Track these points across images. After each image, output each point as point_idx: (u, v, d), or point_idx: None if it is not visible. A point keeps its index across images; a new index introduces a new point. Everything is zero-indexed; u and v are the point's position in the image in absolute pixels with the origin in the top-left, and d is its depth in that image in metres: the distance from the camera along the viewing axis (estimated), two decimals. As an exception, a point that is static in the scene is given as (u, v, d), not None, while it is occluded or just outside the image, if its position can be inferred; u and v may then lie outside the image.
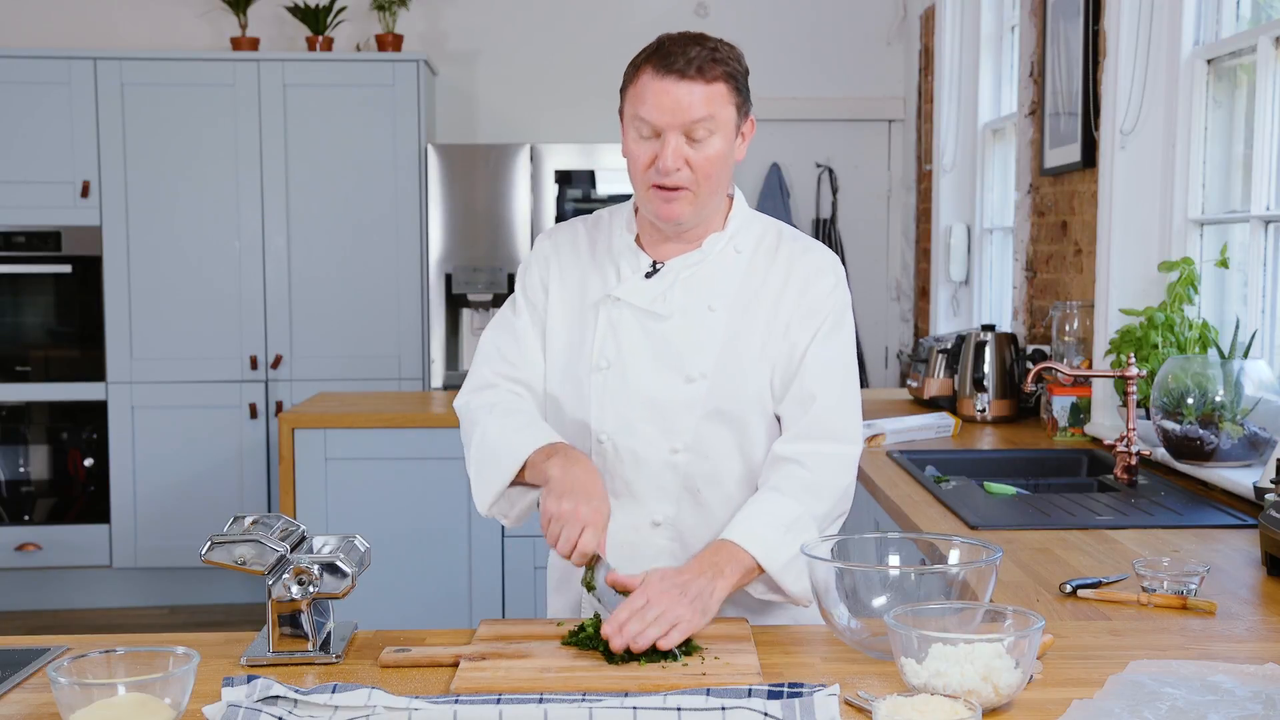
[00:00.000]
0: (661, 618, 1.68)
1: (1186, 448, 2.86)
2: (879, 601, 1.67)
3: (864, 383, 6.19)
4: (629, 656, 1.66)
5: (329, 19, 5.69)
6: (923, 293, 5.92)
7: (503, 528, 4.13)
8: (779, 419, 2.02)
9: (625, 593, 1.77)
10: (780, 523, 1.88)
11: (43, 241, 5.44)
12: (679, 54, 1.90)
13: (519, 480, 1.95)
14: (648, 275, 2.02)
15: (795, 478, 1.95)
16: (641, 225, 2.05)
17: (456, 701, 1.49)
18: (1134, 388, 2.93)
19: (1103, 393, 3.46)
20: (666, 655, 1.67)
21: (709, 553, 1.85)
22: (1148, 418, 3.05)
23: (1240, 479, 2.70)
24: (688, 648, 1.70)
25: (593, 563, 1.80)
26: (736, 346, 1.99)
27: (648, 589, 1.73)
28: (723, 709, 1.46)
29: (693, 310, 2.00)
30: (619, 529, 1.99)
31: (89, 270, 5.46)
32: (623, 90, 1.97)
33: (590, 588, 1.81)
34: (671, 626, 1.68)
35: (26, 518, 5.51)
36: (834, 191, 6.19)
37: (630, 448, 2.00)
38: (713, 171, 1.93)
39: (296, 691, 1.51)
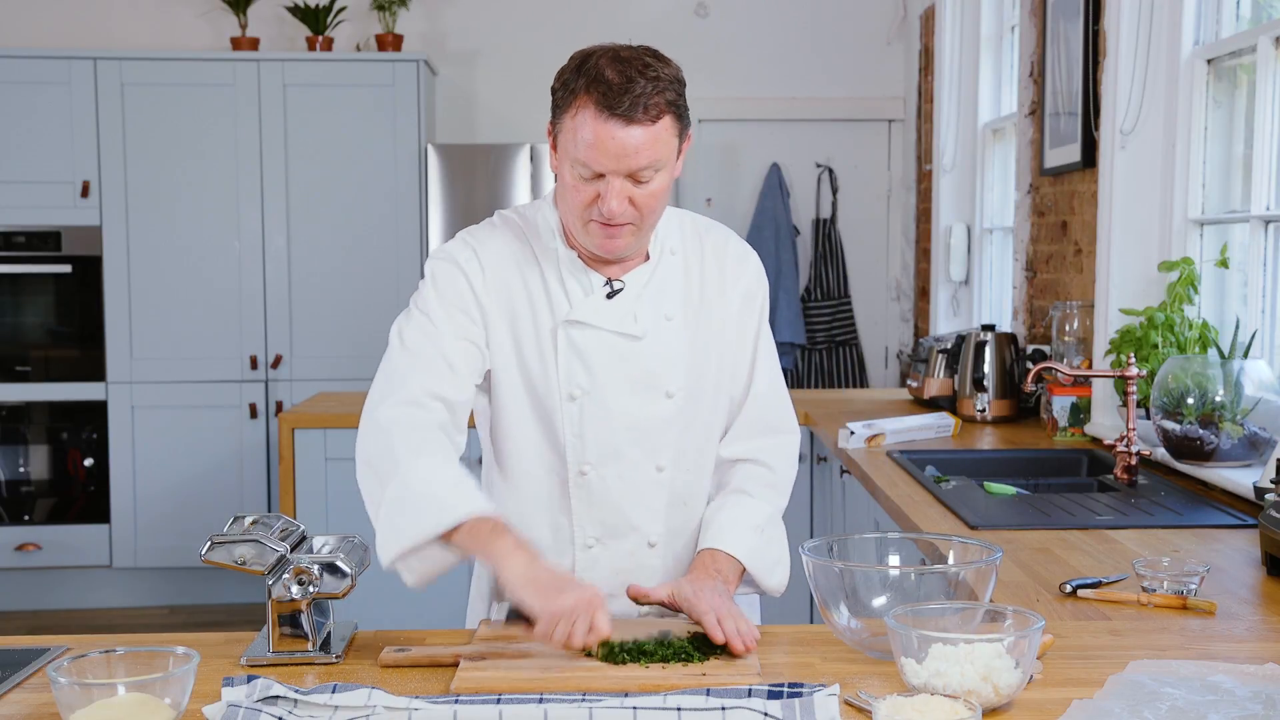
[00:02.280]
0: (731, 612, 1.73)
1: (1186, 448, 2.86)
2: (879, 601, 1.67)
3: (864, 383, 6.20)
4: (629, 658, 1.66)
5: (329, 19, 5.69)
6: (923, 293, 5.92)
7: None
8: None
9: (645, 602, 1.80)
10: (755, 525, 1.97)
11: (43, 241, 5.44)
12: (622, 91, 1.76)
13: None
14: (609, 295, 1.94)
15: (758, 478, 2.03)
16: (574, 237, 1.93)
17: (456, 701, 1.49)
18: (1134, 388, 2.93)
19: (1103, 393, 3.46)
20: (676, 658, 1.67)
21: (707, 559, 1.91)
22: (1148, 418, 3.05)
23: (1240, 479, 2.70)
24: (704, 653, 1.70)
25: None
26: (697, 351, 1.97)
27: (701, 597, 1.76)
28: (723, 709, 1.46)
29: (657, 325, 1.95)
30: (615, 556, 1.98)
31: (89, 270, 5.46)
32: (556, 111, 1.84)
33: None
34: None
35: (26, 518, 5.51)
36: (834, 191, 6.19)
37: (617, 474, 1.95)
38: (656, 205, 1.86)
39: (296, 691, 1.51)
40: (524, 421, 1.95)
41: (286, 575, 1.70)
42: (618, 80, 1.77)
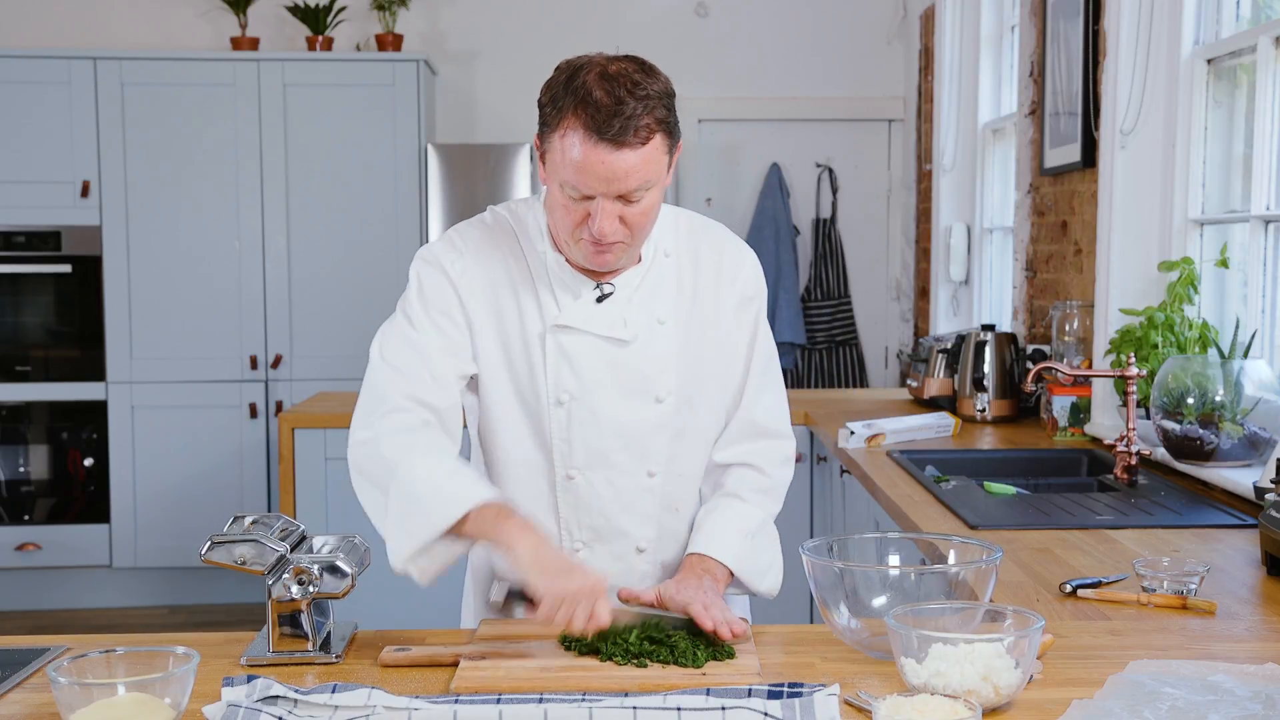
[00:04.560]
0: (717, 605, 1.75)
1: (1186, 448, 2.86)
2: (879, 601, 1.67)
3: (864, 383, 6.20)
4: (629, 657, 1.66)
5: (329, 19, 5.69)
6: (923, 293, 5.92)
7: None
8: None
9: (633, 604, 1.80)
10: (746, 530, 1.96)
11: (43, 241, 5.44)
12: (612, 114, 1.71)
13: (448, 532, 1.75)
14: (599, 300, 1.91)
15: (752, 483, 2.01)
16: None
17: (456, 701, 1.49)
18: (1134, 388, 2.93)
19: (1103, 393, 3.46)
20: (676, 660, 1.67)
21: (695, 563, 1.91)
22: (1148, 418, 3.05)
23: (1240, 479, 2.70)
24: (712, 654, 1.69)
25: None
26: (690, 356, 1.95)
27: (684, 591, 1.78)
28: (723, 709, 1.46)
29: (647, 328, 1.92)
30: (603, 559, 1.97)
31: (89, 270, 5.46)
32: (544, 127, 1.78)
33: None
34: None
35: (26, 518, 5.51)
36: (834, 191, 6.19)
37: (606, 479, 1.94)
38: (647, 221, 1.83)
39: (296, 691, 1.51)
40: (512, 424, 1.93)
41: (286, 575, 1.70)
42: (607, 101, 1.72)
